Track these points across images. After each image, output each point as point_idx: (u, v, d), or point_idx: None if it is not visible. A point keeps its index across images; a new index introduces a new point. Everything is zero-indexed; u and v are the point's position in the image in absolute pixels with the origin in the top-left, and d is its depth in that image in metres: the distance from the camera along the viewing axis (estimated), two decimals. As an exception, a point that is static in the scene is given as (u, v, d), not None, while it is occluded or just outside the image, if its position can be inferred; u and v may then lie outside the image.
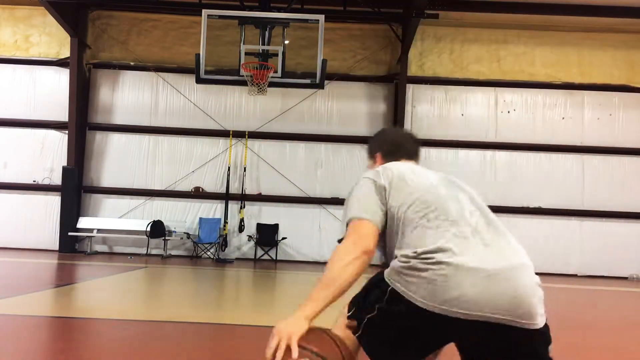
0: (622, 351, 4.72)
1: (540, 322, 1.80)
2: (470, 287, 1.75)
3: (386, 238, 2.08)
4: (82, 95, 13.26)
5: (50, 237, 13.03)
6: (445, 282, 1.77)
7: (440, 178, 2.10)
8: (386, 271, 2.01)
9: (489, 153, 13.43)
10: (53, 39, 13.57)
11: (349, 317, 2.06)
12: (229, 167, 13.35)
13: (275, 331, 1.95)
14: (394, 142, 2.39)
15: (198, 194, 13.38)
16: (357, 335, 1.98)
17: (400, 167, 2.11)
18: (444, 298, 1.76)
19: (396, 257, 1.94)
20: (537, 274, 2.07)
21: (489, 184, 13.31)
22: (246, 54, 9.86)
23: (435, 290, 1.78)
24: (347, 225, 2.01)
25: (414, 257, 1.86)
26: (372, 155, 2.43)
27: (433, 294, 1.78)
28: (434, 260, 1.81)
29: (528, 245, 9.79)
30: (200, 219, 13.23)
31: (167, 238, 12.81)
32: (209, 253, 13.02)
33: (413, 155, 2.37)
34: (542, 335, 1.83)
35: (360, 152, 13.49)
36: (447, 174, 2.19)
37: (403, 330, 1.88)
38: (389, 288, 1.92)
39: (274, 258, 13.07)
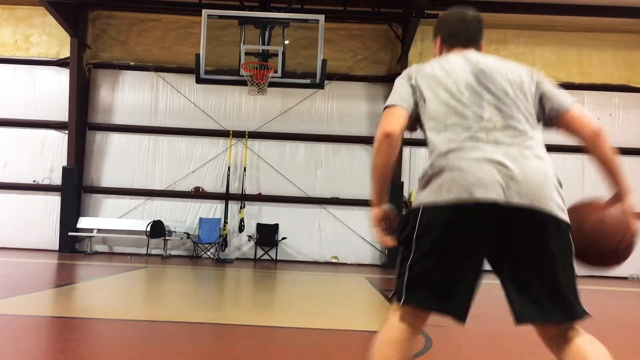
0: (620, 351, 4.73)
1: (541, 208, 2.01)
2: (472, 174, 1.92)
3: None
4: (82, 95, 13.26)
5: (50, 237, 13.04)
6: (451, 174, 1.94)
7: (471, 80, 2.10)
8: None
9: (489, 153, 13.42)
10: (53, 39, 13.58)
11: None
12: (229, 167, 13.35)
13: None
14: (451, 28, 2.37)
15: (198, 194, 13.38)
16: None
17: (434, 71, 2.17)
18: (452, 187, 1.93)
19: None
20: None
21: (489, 184, 13.30)
22: (246, 54, 9.87)
23: (450, 180, 1.93)
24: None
25: (430, 166, 2.02)
26: (434, 37, 2.49)
27: (445, 186, 1.93)
28: (445, 162, 1.96)
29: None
30: (200, 219, 13.23)
31: (167, 238, 12.81)
32: (209, 253, 13.02)
33: (470, 43, 2.32)
34: (552, 228, 2.03)
35: (360, 152, 13.49)
36: (485, 63, 2.18)
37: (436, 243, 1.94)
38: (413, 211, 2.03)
39: (274, 258, 13.07)
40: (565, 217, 2.07)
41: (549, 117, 2.24)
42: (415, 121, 2.18)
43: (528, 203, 1.93)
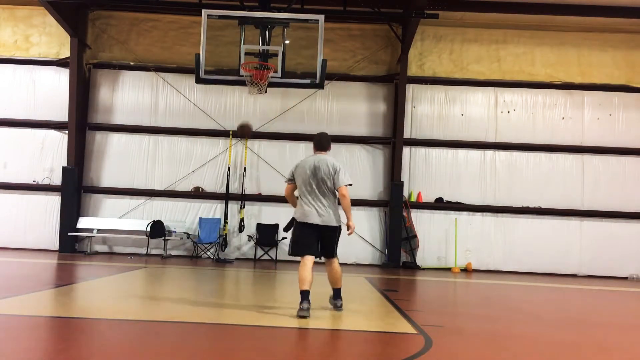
0: (620, 351, 4.73)
1: (328, 224, 5.87)
2: (309, 213, 5.80)
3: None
4: (82, 95, 13.26)
5: (50, 237, 13.04)
6: (303, 211, 5.83)
7: (310, 171, 5.80)
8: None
9: (489, 153, 13.43)
10: (53, 39, 13.58)
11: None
12: (228, 167, 13.35)
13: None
14: (315, 141, 6.09)
15: (198, 194, 13.38)
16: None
17: (301, 163, 5.96)
18: (304, 216, 5.84)
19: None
20: (536, 274, 2.17)
21: (489, 184, 13.31)
22: (246, 54, 9.85)
23: (302, 213, 5.84)
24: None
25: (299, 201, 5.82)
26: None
27: (302, 215, 5.85)
28: (301, 203, 5.84)
29: (528, 245, 9.93)
30: (200, 219, 13.23)
31: (167, 238, 12.81)
32: (208, 253, 13.02)
33: (320, 149, 6.03)
34: (331, 230, 5.92)
35: (360, 151, 13.49)
36: (319, 166, 5.71)
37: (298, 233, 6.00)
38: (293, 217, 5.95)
39: (274, 258, 13.07)
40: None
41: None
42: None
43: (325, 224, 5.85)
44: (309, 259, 5.82)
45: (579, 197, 13.26)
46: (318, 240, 5.86)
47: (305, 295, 5.47)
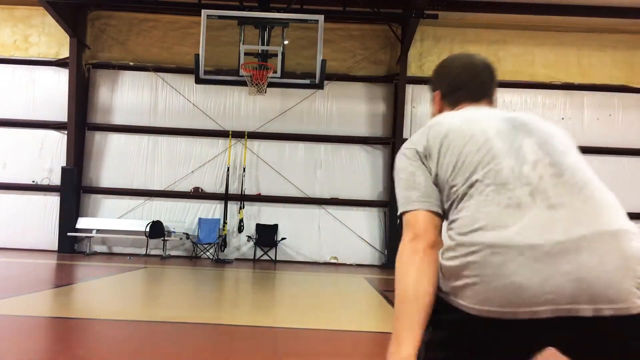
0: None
1: (634, 305, 1.25)
2: (524, 273, 1.27)
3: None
4: (81, 95, 13.25)
5: (49, 237, 13.01)
6: (486, 273, 1.30)
7: (500, 126, 1.53)
8: None
9: (488, 153, 13.41)
10: (52, 39, 13.56)
11: None
12: (228, 168, 13.34)
13: None
14: (456, 79, 1.76)
15: (197, 194, 13.37)
16: None
17: (451, 124, 1.58)
18: (493, 295, 1.29)
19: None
20: None
21: (489, 185, 13.30)
22: (245, 54, 9.85)
23: (479, 289, 1.31)
24: (399, 218, 1.55)
25: (452, 249, 1.39)
26: (433, 92, 1.85)
27: (476, 294, 1.31)
28: (470, 249, 1.34)
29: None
30: (200, 219, 13.22)
31: (166, 238, 12.80)
32: (208, 253, 13.00)
33: (480, 97, 1.74)
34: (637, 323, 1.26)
35: (359, 152, 13.48)
36: (517, 113, 1.64)
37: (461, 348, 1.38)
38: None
39: (274, 258, 13.05)
40: None
41: None
42: None
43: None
44: None
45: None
46: None
47: None
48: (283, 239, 13.10)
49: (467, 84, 1.75)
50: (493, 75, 1.78)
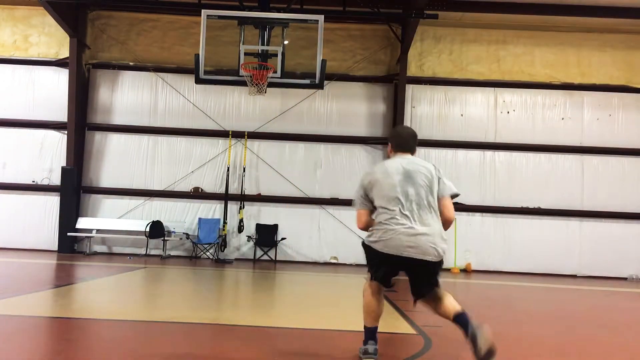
0: (620, 352, 4.72)
1: (429, 259, 3.65)
2: (398, 239, 3.65)
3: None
4: (81, 95, 13.24)
5: (49, 237, 13.01)
6: (388, 237, 3.68)
7: (401, 178, 3.75)
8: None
9: (488, 153, 13.42)
10: (52, 39, 13.56)
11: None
12: (228, 168, 13.34)
13: None
14: (398, 139, 4.04)
15: (197, 194, 13.37)
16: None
17: (379, 170, 3.88)
18: (387, 246, 3.68)
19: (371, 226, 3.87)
20: (536, 274, 2.28)
21: (489, 185, 13.30)
22: (245, 54, 9.84)
23: (385, 242, 3.69)
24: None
25: (375, 227, 3.80)
26: (389, 144, 4.07)
27: (384, 245, 3.70)
28: (383, 227, 3.72)
29: (527, 245, 9.92)
30: (200, 219, 13.22)
31: (166, 238, 12.80)
32: (208, 253, 13.00)
33: (407, 150, 3.97)
34: (432, 266, 3.69)
35: (359, 152, 13.48)
36: (412, 169, 3.78)
37: (375, 262, 3.80)
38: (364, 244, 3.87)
39: (274, 258, 13.05)
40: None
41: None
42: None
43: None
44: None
45: (579, 197, 13.25)
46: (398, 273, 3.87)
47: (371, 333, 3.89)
48: (283, 239, 13.10)
49: (401, 144, 4.00)
50: (415, 139, 4.02)
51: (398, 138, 4.00)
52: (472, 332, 3.47)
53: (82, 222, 13.03)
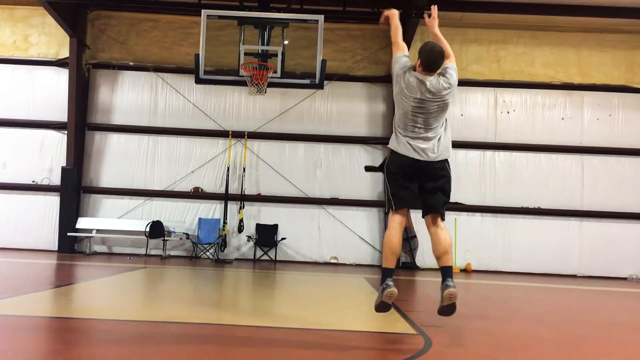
0: (620, 352, 4.72)
1: (432, 159, 4.29)
2: (413, 145, 4.31)
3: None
4: (81, 95, 13.25)
5: (49, 237, 13.02)
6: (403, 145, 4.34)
7: (419, 98, 4.27)
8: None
9: (488, 153, 13.43)
10: (52, 39, 13.56)
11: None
12: (228, 168, 13.34)
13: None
14: (422, 56, 4.39)
15: (197, 194, 13.37)
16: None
17: (407, 75, 4.37)
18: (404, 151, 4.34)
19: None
20: (536, 274, 2.34)
21: (489, 185, 13.31)
22: (245, 54, 9.84)
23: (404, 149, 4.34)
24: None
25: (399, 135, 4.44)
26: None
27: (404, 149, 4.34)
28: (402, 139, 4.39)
29: (527, 245, 9.92)
30: (200, 219, 13.22)
31: (166, 238, 12.80)
32: (208, 253, 13.01)
33: (430, 69, 4.36)
34: (438, 164, 4.32)
35: (359, 152, 13.48)
36: (428, 94, 4.28)
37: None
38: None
39: (274, 258, 13.06)
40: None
41: None
42: None
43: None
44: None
45: (579, 197, 13.25)
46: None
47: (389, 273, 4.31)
48: (283, 239, 13.10)
49: (424, 60, 4.37)
50: (437, 58, 4.39)
51: (422, 55, 4.42)
52: (442, 287, 4.08)
53: (82, 222, 13.03)
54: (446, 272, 4.11)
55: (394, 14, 4.91)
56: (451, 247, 4.28)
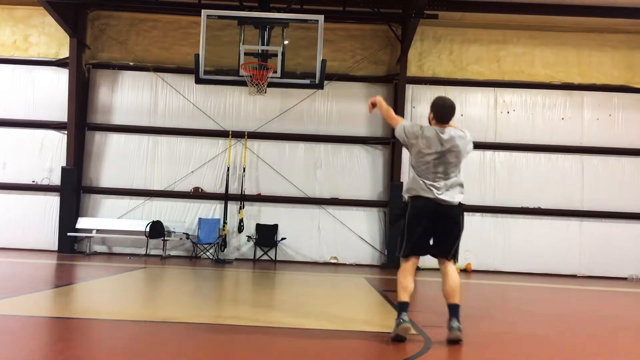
0: (620, 352, 4.72)
1: (450, 203, 4.51)
2: (431, 192, 4.51)
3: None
4: (81, 95, 13.25)
5: (49, 237, 13.01)
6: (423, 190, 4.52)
7: (439, 151, 4.57)
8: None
9: (488, 153, 13.43)
10: (52, 39, 13.56)
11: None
12: (228, 168, 13.34)
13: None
14: (436, 110, 4.68)
15: (197, 194, 13.37)
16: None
17: (425, 132, 4.59)
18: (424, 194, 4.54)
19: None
20: (536, 274, 2.36)
21: (489, 185, 13.31)
22: (245, 54, 9.84)
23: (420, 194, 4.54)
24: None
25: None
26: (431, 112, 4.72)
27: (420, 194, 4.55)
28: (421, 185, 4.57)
29: (527, 245, 9.97)
30: (200, 219, 13.22)
31: (166, 238, 12.80)
32: (208, 253, 13.00)
33: (444, 121, 4.68)
34: (454, 211, 4.54)
35: (359, 152, 13.48)
36: (447, 144, 4.60)
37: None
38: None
39: (274, 258, 13.05)
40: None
41: None
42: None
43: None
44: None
45: (579, 197, 13.25)
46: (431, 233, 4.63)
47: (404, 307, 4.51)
48: (283, 239, 13.10)
49: (438, 113, 4.68)
50: (450, 110, 4.73)
51: (436, 109, 4.68)
52: (448, 326, 4.37)
53: (82, 222, 13.03)
54: (453, 310, 4.38)
55: (379, 100, 4.89)
56: (459, 287, 4.50)
